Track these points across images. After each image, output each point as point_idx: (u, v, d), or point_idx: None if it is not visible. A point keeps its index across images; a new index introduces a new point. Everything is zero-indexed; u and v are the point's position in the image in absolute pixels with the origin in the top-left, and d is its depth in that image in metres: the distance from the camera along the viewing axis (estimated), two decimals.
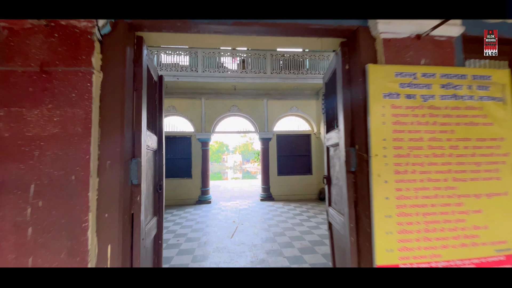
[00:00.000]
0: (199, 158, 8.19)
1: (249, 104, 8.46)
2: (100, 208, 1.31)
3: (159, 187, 2.07)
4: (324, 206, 7.28)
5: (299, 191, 8.37)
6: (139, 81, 1.52)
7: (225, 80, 7.54)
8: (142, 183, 1.48)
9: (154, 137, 1.97)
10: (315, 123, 8.67)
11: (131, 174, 1.41)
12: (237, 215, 6.27)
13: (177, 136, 8.29)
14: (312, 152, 8.68)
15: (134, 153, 1.46)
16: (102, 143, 1.34)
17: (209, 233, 4.76)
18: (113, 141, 1.34)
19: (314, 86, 8.20)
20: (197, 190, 8.03)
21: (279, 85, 8.07)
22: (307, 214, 6.16)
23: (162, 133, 2.17)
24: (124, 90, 1.40)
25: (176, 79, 7.34)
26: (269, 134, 8.43)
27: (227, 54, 7.85)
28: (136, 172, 1.42)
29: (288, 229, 4.93)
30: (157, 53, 7.49)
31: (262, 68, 7.77)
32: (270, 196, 8.22)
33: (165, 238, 4.50)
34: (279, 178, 8.40)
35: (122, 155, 1.35)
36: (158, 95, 2.17)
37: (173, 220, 5.90)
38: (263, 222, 5.46)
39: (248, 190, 11.37)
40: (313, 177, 8.54)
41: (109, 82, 1.38)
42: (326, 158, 2.32)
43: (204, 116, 8.23)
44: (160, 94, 2.19)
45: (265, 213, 6.37)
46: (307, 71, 7.94)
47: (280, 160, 8.55)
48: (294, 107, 8.60)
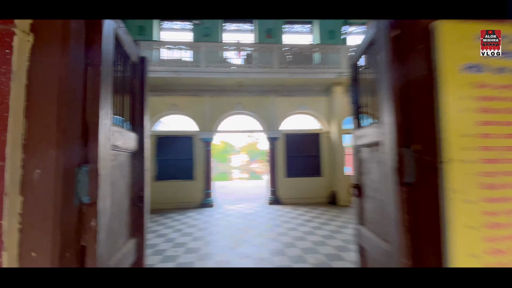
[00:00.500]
0: (202, 158, 7.74)
1: (254, 102, 7.96)
2: (24, 244, 0.84)
3: (139, 199, 1.60)
4: (336, 210, 6.73)
5: (308, 194, 7.83)
6: (96, 53, 1.04)
7: (229, 75, 7.06)
8: (100, 199, 1.00)
9: (130, 135, 1.50)
10: (325, 121, 8.11)
11: (78, 188, 0.94)
12: (243, 221, 5.78)
13: (178, 136, 7.85)
14: (322, 152, 8.12)
15: (86, 157, 0.99)
16: (28, 143, 0.86)
17: (210, 243, 4.28)
18: (46, 139, 0.87)
19: (324, 81, 7.65)
20: (199, 193, 7.58)
21: (286, 81, 7.55)
22: (319, 221, 5.62)
23: (144, 130, 1.69)
24: (67, 61, 0.92)
25: (177, 75, 6.90)
26: (276, 133, 7.92)
27: (231, 47, 7.37)
28: (86, 186, 0.95)
29: (298, 238, 4.41)
30: (156, 48, 7.07)
31: (269, 62, 7.26)
32: (278, 199, 7.70)
33: (162, 248, 4.05)
34: (287, 180, 7.87)
35: (61, 161, 0.87)
36: (139, 82, 1.69)
37: (173, 226, 5.45)
38: (271, 230, 4.96)
39: (254, 192, 10.88)
40: (323, 179, 7.98)
41: (44, 49, 0.90)
42: (355, 161, 1.80)
43: (207, 115, 7.77)
44: (142, 80, 1.72)
45: (272, 219, 5.87)
46: (317, 65, 7.39)
47: (288, 161, 8.02)
48: (302, 105, 8.06)
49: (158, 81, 7.19)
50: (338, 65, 7.38)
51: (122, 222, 1.37)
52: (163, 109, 7.65)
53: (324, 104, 8.14)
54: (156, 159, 7.64)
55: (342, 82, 7.62)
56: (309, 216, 6.12)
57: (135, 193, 1.58)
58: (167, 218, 6.17)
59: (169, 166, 7.68)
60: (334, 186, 7.67)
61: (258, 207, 7.37)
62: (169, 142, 7.80)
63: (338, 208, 7.06)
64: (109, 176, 1.14)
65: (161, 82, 7.27)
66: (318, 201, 7.80)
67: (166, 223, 5.70)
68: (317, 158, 8.14)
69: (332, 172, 7.83)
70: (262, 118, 7.96)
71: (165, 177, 7.60)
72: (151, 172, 7.48)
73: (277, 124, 7.96)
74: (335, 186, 7.61)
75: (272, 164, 7.89)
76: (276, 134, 7.91)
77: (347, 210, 6.79)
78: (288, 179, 7.89)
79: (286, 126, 8.31)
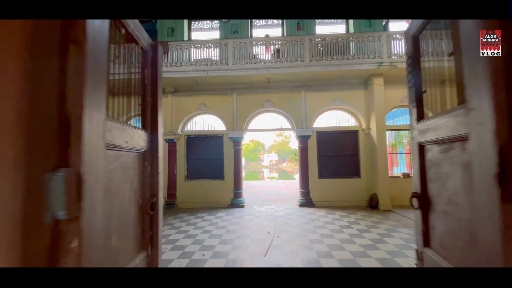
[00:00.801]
0: (231, 158, 7.61)
1: (284, 98, 7.57)
2: None
3: (151, 206, 1.39)
4: (377, 216, 5.98)
5: (345, 197, 7.20)
6: (80, 27, 0.82)
7: (258, 72, 6.79)
8: (86, 213, 0.78)
9: (138, 133, 1.29)
10: (363, 117, 7.37)
11: (50, 200, 0.72)
12: (273, 223, 5.48)
13: (208, 135, 7.84)
14: (361, 151, 7.40)
15: (67, 158, 0.77)
16: None
17: (239, 247, 4.06)
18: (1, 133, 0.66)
19: (361, 73, 6.95)
20: (229, 193, 7.46)
21: (319, 74, 7.02)
22: (358, 227, 5.05)
23: (157, 127, 1.49)
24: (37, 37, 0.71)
25: (206, 74, 6.86)
26: (308, 131, 7.43)
27: (259, 43, 7.09)
28: (62, 197, 0.73)
29: (335, 247, 3.95)
30: (186, 48, 7.11)
31: (300, 55, 6.82)
32: (310, 201, 7.22)
33: (190, 250, 3.95)
34: (320, 182, 7.34)
35: (22, 165, 0.66)
36: (150, 72, 1.49)
37: (203, 227, 5.37)
38: (303, 236, 4.56)
39: (285, 192, 10.49)
40: (362, 181, 7.27)
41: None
42: (417, 163, 1.37)
43: (235, 113, 7.61)
44: (154, 71, 1.51)
45: (305, 223, 5.45)
46: (353, 56, 6.72)
47: (321, 161, 7.48)
48: (337, 99, 7.44)
49: (188, 81, 7.24)
50: (378, 54, 6.63)
51: (126, 236, 1.16)
52: (193, 108, 7.70)
53: (362, 98, 7.41)
54: (186, 158, 7.73)
55: (382, 73, 6.84)
56: (346, 221, 5.56)
57: (146, 199, 1.38)
58: (197, 218, 6.15)
59: (199, 165, 7.72)
60: (375, 189, 6.93)
61: (289, 209, 6.99)
62: (199, 141, 7.84)
63: (379, 213, 6.34)
64: (103, 181, 0.92)
65: (191, 82, 7.32)
66: (356, 205, 7.13)
67: (196, 223, 5.66)
68: (354, 157, 7.45)
69: (372, 173, 7.09)
70: (292, 115, 7.55)
71: (195, 177, 7.65)
72: (183, 171, 7.59)
73: (309, 121, 7.47)
74: (376, 189, 6.87)
75: (304, 164, 7.42)
76: (307, 132, 7.43)
77: (389, 215, 6.05)
78: (322, 180, 7.35)
79: (319, 123, 7.77)
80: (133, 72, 1.34)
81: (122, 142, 1.10)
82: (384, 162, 6.76)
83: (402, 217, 5.84)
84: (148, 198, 1.39)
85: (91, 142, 0.84)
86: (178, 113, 7.69)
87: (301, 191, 7.39)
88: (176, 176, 7.52)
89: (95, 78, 0.86)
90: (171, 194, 7.46)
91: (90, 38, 0.84)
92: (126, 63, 1.32)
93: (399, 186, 7.14)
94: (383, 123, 6.87)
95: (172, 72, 6.90)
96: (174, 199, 7.44)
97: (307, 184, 7.33)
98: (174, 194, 7.46)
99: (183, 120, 7.71)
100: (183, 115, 7.70)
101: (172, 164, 7.55)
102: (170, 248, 4.08)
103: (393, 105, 7.31)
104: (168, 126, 7.59)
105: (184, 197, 7.48)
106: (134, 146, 1.23)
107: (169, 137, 7.57)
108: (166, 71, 6.88)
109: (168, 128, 7.59)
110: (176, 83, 7.45)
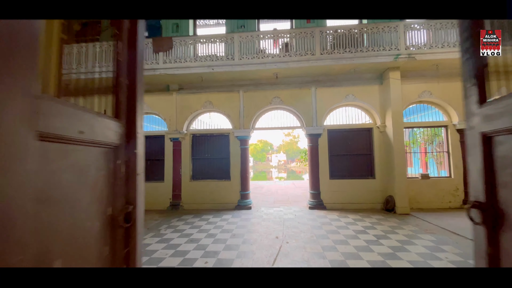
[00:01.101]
0: (238, 158, 7.31)
1: (293, 95, 7.20)
2: None
3: (127, 216, 1.09)
4: (394, 220, 5.40)
5: (358, 199, 6.76)
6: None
7: (265, 66, 6.46)
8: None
9: (104, 122, 0.99)
10: (378, 114, 6.91)
11: None
12: (281, 227, 5.13)
13: (214, 134, 7.57)
14: (375, 150, 6.94)
15: None
16: None
17: (245, 254, 3.74)
18: None
19: (376, 66, 6.50)
20: (236, 194, 7.16)
21: (330, 69, 6.62)
22: (374, 233, 4.64)
23: (136, 117, 1.18)
24: None
25: (211, 70, 6.58)
26: (318, 129, 7.04)
27: (267, 36, 6.75)
28: None
29: (351, 256, 3.57)
30: (191, 43, 6.86)
31: (310, 48, 6.43)
32: (321, 203, 6.83)
33: (191, 257, 3.67)
34: (331, 182, 6.93)
35: None
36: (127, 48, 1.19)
37: (207, 230, 5.09)
38: (315, 242, 4.20)
39: (294, 193, 10.10)
40: (377, 182, 6.82)
41: None
42: (477, 161, 1.01)
43: (242, 111, 7.30)
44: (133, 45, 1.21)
45: (316, 227, 5.07)
46: (367, 48, 6.28)
47: (333, 160, 7.07)
48: (350, 95, 7.00)
49: (193, 77, 6.99)
50: (394, 46, 6.16)
51: (81, 259, 0.86)
52: (198, 106, 7.44)
53: (377, 93, 6.95)
54: (192, 158, 7.48)
55: (399, 66, 6.36)
56: (360, 225, 5.15)
57: (119, 208, 1.08)
58: (202, 220, 5.87)
59: (205, 165, 7.46)
60: (390, 190, 6.46)
61: (298, 211, 6.62)
62: (205, 140, 7.58)
63: (396, 216, 5.88)
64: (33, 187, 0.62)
65: (196, 78, 7.07)
66: (370, 208, 6.69)
67: (200, 226, 5.38)
68: (368, 157, 7.00)
69: (388, 174, 6.62)
70: (302, 112, 7.17)
71: (201, 177, 7.40)
72: (188, 171, 7.35)
73: (319, 118, 7.07)
74: (392, 190, 6.40)
75: (314, 164, 7.03)
76: (318, 130, 7.03)
77: (408, 219, 5.58)
78: (333, 181, 6.94)
79: (330, 121, 7.36)
80: (97, 43, 1.04)
81: (73, 132, 0.80)
82: (402, 162, 6.29)
83: (422, 222, 5.36)
84: (121, 206, 1.09)
85: (4, 129, 0.53)
86: (183, 111, 7.45)
87: (311, 193, 7.00)
88: (181, 176, 7.29)
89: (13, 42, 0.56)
90: (176, 194, 7.23)
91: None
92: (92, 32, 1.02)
93: (417, 188, 6.65)
94: (401, 120, 6.39)
95: (176, 68, 6.66)
96: (179, 200, 7.20)
97: (317, 185, 6.93)
98: (179, 194, 7.23)
99: (188, 119, 7.47)
100: (188, 113, 7.46)
101: (177, 164, 7.32)
102: (171, 254, 3.81)
103: (410, 100, 6.81)
104: (173, 125, 7.37)
105: (189, 198, 7.24)
106: (96, 139, 0.92)
107: (174, 136, 7.35)
108: (170, 68, 6.66)
109: (173, 127, 7.37)
110: (180, 80, 7.22)
